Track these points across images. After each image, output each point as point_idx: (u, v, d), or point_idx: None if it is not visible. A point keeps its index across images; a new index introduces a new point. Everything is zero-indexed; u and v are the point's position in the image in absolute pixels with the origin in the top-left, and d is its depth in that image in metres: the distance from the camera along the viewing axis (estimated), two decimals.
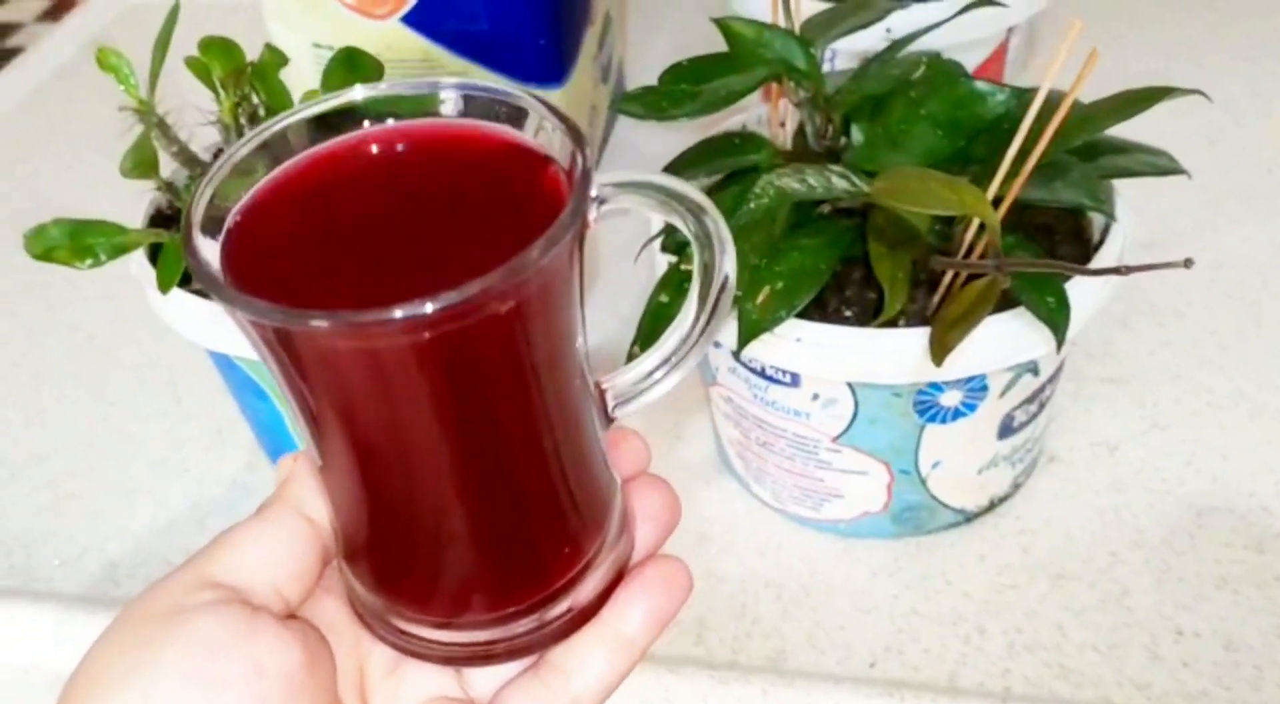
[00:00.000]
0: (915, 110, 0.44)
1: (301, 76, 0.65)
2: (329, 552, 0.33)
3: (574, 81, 0.75)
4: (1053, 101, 0.43)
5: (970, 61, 0.70)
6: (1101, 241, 0.51)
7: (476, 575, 0.32)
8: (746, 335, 0.45)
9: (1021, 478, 0.57)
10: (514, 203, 0.29)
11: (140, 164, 0.46)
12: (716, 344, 0.51)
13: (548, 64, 0.73)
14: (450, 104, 0.31)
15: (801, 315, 0.45)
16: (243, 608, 0.30)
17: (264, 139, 0.30)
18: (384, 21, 0.71)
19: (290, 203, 0.30)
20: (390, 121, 0.31)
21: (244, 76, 0.46)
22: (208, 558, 0.31)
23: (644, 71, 0.93)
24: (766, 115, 0.54)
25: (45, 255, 0.48)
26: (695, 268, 0.31)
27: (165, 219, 0.58)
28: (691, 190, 0.30)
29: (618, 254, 0.67)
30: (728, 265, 0.31)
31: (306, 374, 0.28)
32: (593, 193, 0.28)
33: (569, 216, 0.26)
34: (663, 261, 0.51)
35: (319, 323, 0.24)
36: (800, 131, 0.52)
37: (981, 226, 0.45)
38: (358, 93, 0.31)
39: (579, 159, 0.28)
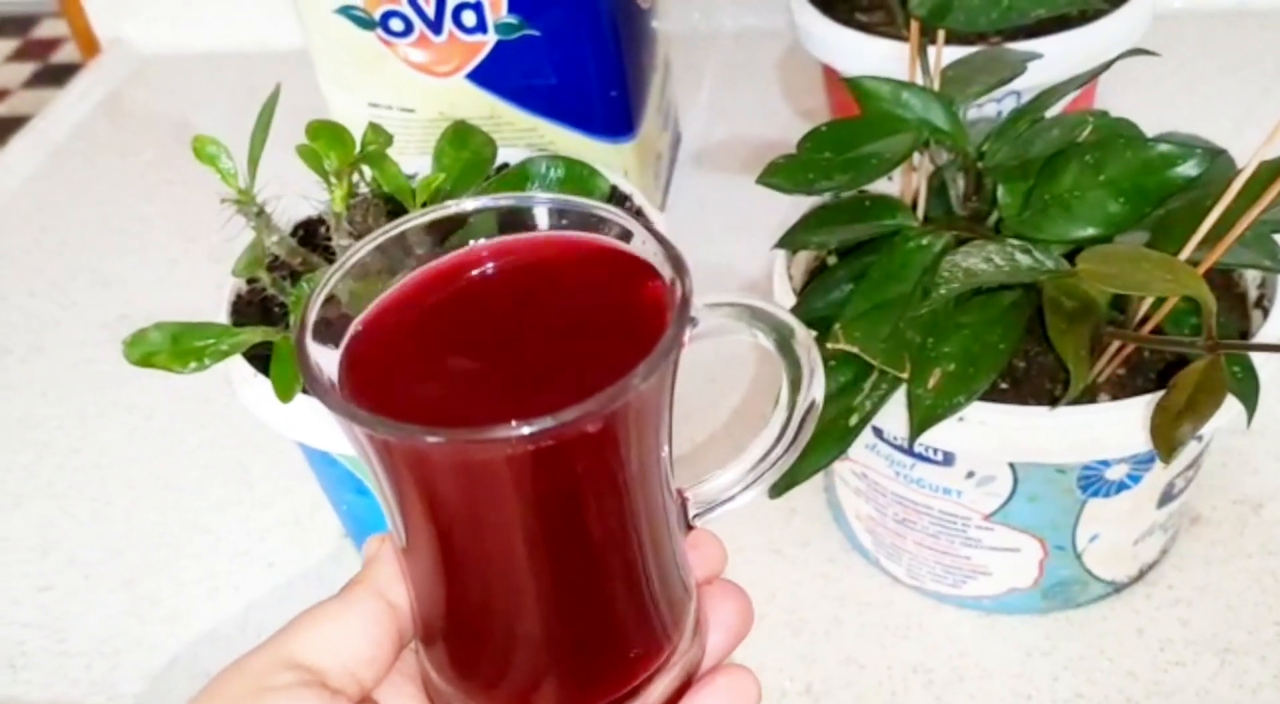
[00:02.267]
0: (1092, 175, 0.41)
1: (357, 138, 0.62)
2: (406, 636, 0.33)
3: (643, 132, 0.72)
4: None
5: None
6: (1261, 297, 0.48)
7: (548, 673, 0.32)
8: (921, 424, 0.42)
9: (1168, 543, 0.54)
10: (617, 320, 0.30)
11: (253, 263, 0.43)
12: (876, 430, 0.48)
13: (618, 116, 0.70)
14: (553, 218, 0.31)
15: None
16: (321, 692, 0.30)
17: (375, 245, 0.31)
18: (448, 79, 0.68)
19: (406, 317, 0.31)
20: (499, 237, 0.32)
21: (357, 164, 0.43)
22: (288, 637, 0.31)
23: (692, 115, 0.90)
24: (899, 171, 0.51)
25: (145, 362, 0.44)
26: (783, 388, 0.32)
27: (245, 305, 0.55)
28: (783, 313, 0.31)
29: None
30: (815, 391, 0.31)
31: (401, 474, 0.28)
32: (689, 318, 0.28)
33: (667, 344, 0.27)
34: None
35: (422, 438, 0.26)
36: (938, 191, 0.49)
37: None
38: (467, 205, 0.31)
39: (679, 286, 0.28)
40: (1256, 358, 0.43)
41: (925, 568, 0.53)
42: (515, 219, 0.31)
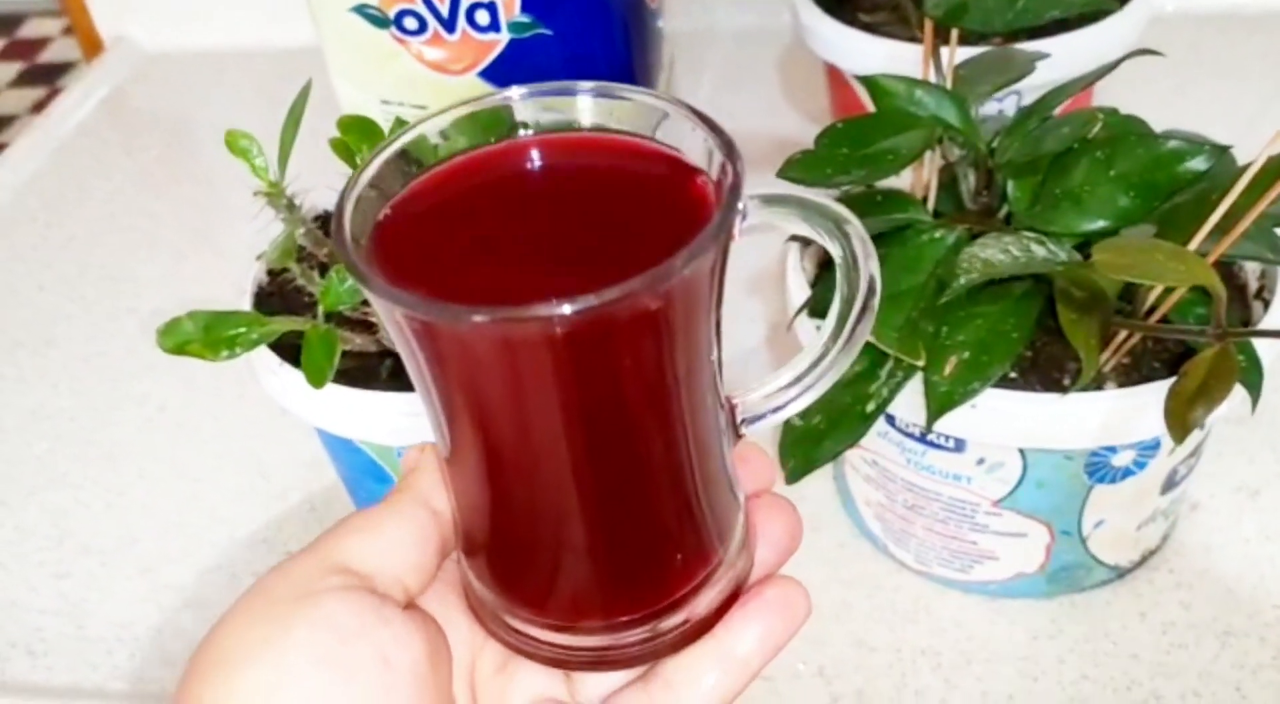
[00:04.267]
0: (1103, 171, 0.43)
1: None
2: (450, 545, 0.32)
3: None
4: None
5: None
6: (1262, 288, 0.50)
7: (593, 581, 0.31)
8: (938, 409, 0.43)
9: (1170, 529, 0.56)
10: (661, 212, 0.29)
11: (285, 253, 0.44)
12: (889, 418, 0.49)
13: None
14: (596, 109, 0.31)
15: None
16: (370, 596, 0.29)
17: (414, 136, 0.30)
18: (461, 77, 0.69)
19: (440, 204, 0.30)
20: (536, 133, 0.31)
21: None
22: (335, 543, 0.30)
23: None
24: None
25: (178, 350, 0.45)
26: (838, 275, 0.30)
27: (267, 297, 0.56)
28: (833, 203, 0.29)
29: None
30: (872, 267, 0.30)
31: (443, 366, 0.27)
32: (739, 205, 0.27)
33: (717, 226, 0.26)
34: (810, 327, 0.50)
35: (466, 318, 0.25)
36: (947, 187, 0.50)
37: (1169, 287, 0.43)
38: (514, 93, 0.31)
39: (729, 169, 0.27)
40: (1259, 347, 0.44)
41: (933, 553, 0.54)
42: (558, 117, 0.31)
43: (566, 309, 0.24)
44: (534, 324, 0.24)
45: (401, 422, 0.48)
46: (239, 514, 0.64)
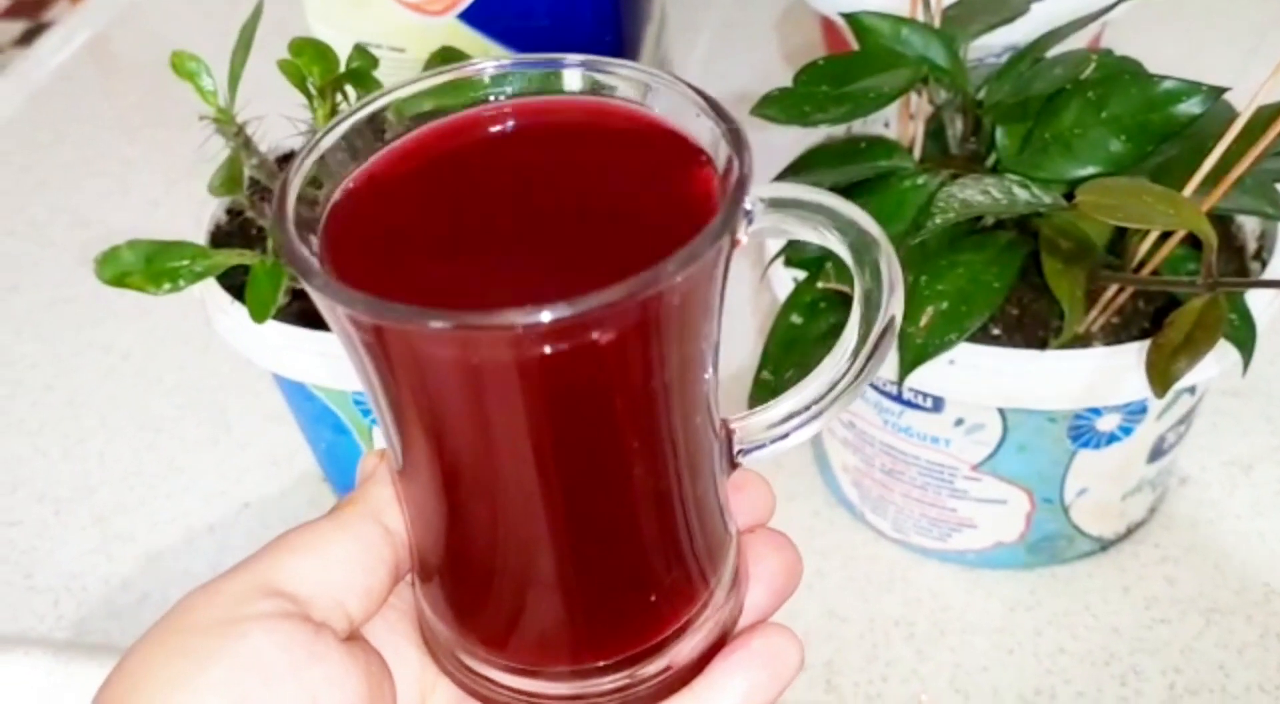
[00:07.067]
0: (1094, 113, 0.40)
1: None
2: (404, 567, 0.29)
3: None
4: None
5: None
6: (1260, 249, 0.47)
7: (564, 620, 0.28)
8: (911, 362, 0.41)
9: (1157, 502, 0.53)
10: (659, 203, 0.25)
11: (229, 181, 0.41)
12: None
13: None
14: (583, 86, 0.27)
15: None
16: (304, 625, 0.26)
17: (370, 111, 0.26)
18: (440, 18, 0.67)
19: (399, 185, 0.26)
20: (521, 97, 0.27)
21: (340, 82, 0.41)
22: (270, 560, 0.27)
23: (688, 71, 0.89)
24: (894, 116, 0.50)
25: (117, 281, 0.43)
26: (856, 304, 0.27)
27: (225, 235, 0.54)
28: (863, 216, 0.26)
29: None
30: (894, 307, 0.27)
31: (395, 373, 0.24)
32: (746, 205, 0.24)
33: (717, 228, 0.22)
34: (787, 278, 0.47)
35: (412, 321, 0.21)
36: (934, 135, 0.48)
37: (1162, 238, 0.41)
38: (486, 67, 0.27)
39: (736, 164, 0.24)
40: (1253, 307, 0.42)
41: (911, 521, 0.52)
42: (535, 87, 0.27)
43: (540, 317, 0.21)
44: (501, 333, 0.21)
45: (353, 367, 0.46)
46: (198, 465, 0.62)
